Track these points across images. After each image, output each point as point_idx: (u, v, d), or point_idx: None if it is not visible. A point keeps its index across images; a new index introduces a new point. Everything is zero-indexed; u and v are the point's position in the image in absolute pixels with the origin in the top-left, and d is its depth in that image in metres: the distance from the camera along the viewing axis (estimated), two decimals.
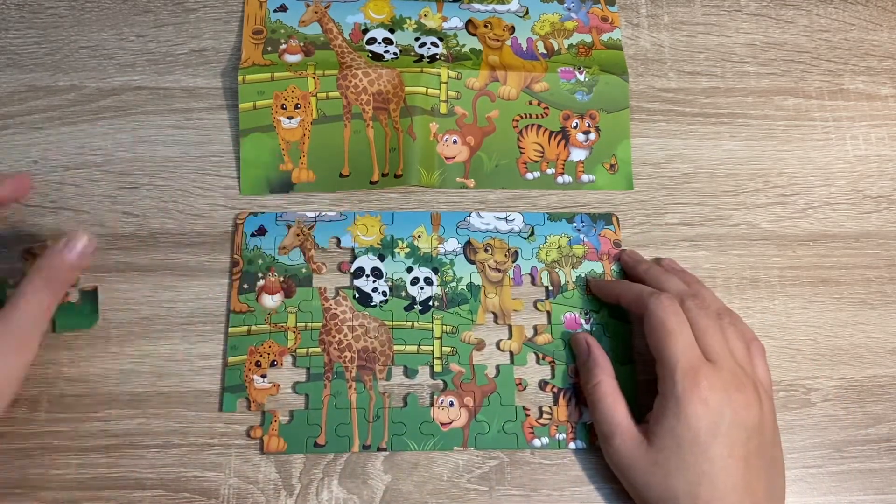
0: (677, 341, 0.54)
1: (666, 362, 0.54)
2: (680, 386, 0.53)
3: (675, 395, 0.53)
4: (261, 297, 0.62)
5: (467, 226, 0.64)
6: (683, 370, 0.53)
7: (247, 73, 0.67)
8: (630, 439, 0.54)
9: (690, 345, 0.54)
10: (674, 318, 0.55)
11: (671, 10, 0.73)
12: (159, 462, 0.58)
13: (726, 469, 0.51)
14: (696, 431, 0.52)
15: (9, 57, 0.68)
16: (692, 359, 0.53)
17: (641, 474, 0.53)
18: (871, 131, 0.70)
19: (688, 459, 0.52)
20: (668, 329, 0.54)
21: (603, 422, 0.56)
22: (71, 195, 0.64)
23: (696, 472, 0.51)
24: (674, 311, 0.55)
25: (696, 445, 0.51)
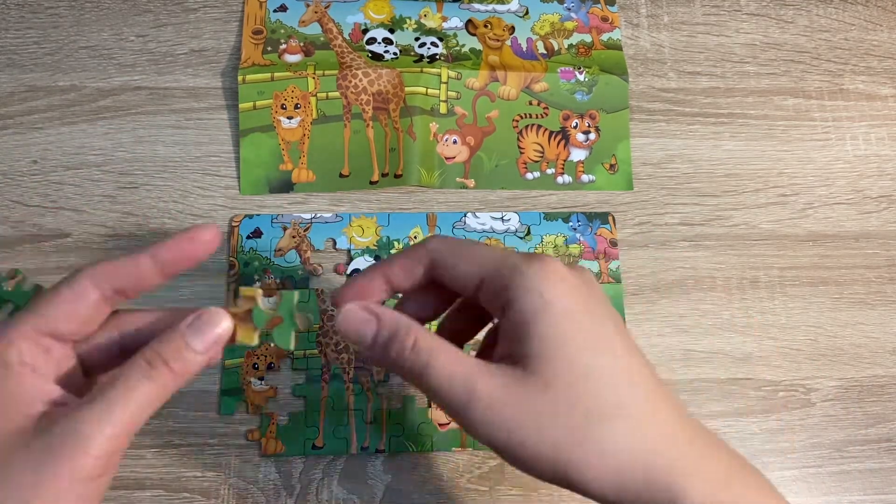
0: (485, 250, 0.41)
1: (500, 267, 0.40)
2: (529, 269, 0.39)
3: (528, 280, 0.39)
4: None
5: (463, 226, 0.64)
6: (523, 260, 0.40)
7: (247, 73, 0.67)
8: (492, 385, 0.38)
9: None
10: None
11: (671, 10, 0.73)
12: (159, 462, 0.58)
13: (631, 356, 0.40)
14: (574, 316, 0.39)
15: (9, 57, 0.68)
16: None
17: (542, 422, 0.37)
18: (871, 131, 0.70)
19: (587, 361, 0.38)
20: (465, 243, 0.42)
21: (446, 390, 0.38)
22: (71, 195, 0.64)
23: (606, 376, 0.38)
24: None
25: (585, 335, 0.39)
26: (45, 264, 0.62)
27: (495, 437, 0.38)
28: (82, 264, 0.41)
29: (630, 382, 0.39)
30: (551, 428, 0.37)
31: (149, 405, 0.38)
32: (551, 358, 0.38)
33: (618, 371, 0.39)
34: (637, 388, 0.39)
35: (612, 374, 0.38)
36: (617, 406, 0.38)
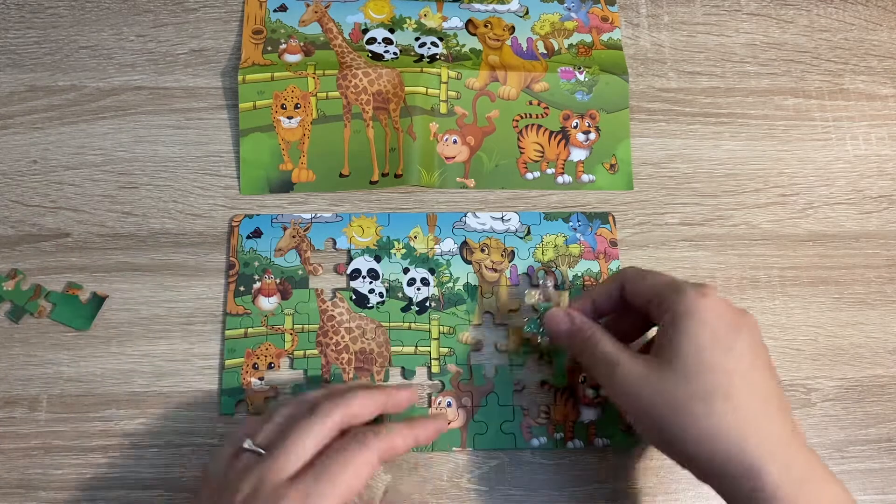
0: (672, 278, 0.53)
1: (664, 283, 0.52)
2: (691, 291, 0.49)
3: (687, 298, 0.49)
4: (257, 300, 0.62)
5: (463, 226, 0.64)
6: (690, 286, 0.50)
7: (247, 73, 0.67)
8: (634, 363, 0.50)
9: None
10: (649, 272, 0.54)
11: (671, 10, 0.73)
12: (159, 462, 0.58)
13: (755, 370, 0.48)
14: (714, 329, 0.48)
15: (9, 57, 0.68)
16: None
17: (654, 391, 0.48)
18: (871, 131, 0.70)
19: (709, 358, 0.47)
20: (650, 271, 0.54)
21: (601, 360, 0.51)
22: (71, 195, 0.64)
23: (721, 370, 0.47)
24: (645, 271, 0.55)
25: (717, 342, 0.48)
26: (45, 264, 0.62)
27: (624, 400, 0.50)
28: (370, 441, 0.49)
29: (745, 383, 0.47)
30: (662, 398, 0.47)
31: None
32: (680, 348, 0.48)
33: (737, 372, 0.47)
34: (752, 389, 0.47)
35: (730, 372, 0.47)
36: (725, 395, 0.46)
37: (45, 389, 0.59)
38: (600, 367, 0.52)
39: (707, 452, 0.46)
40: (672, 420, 0.47)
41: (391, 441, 0.50)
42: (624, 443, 0.60)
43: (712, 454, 0.46)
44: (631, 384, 0.49)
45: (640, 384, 0.49)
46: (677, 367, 0.48)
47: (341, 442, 0.49)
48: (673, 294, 0.50)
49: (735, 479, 0.46)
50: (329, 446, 0.48)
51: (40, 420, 0.59)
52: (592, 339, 0.53)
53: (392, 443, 0.50)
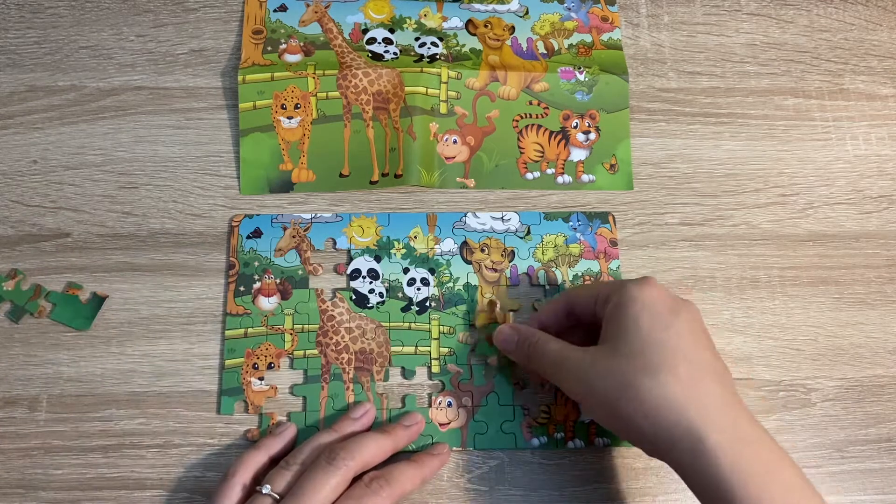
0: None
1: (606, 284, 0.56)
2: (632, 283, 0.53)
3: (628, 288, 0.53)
4: (257, 300, 0.62)
5: (463, 226, 0.64)
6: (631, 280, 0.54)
7: (247, 73, 0.67)
8: (582, 354, 0.52)
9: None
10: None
11: (671, 10, 0.73)
12: (159, 462, 0.58)
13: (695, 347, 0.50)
14: (654, 311, 0.51)
15: (9, 57, 0.68)
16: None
17: (603, 374, 0.50)
18: (871, 131, 0.70)
19: (651, 336, 0.50)
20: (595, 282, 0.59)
21: (550, 358, 0.54)
22: (71, 195, 0.64)
23: (664, 346, 0.50)
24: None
25: (657, 322, 0.50)
26: (45, 264, 0.62)
27: (575, 387, 0.53)
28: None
29: (687, 358, 0.49)
30: (612, 378, 0.50)
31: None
32: (625, 331, 0.51)
33: (678, 348, 0.50)
34: (692, 363, 0.49)
35: (673, 348, 0.49)
36: (669, 368, 0.48)
37: (45, 389, 0.59)
38: (550, 365, 0.55)
39: (654, 423, 0.48)
40: (622, 397, 0.49)
41: (402, 487, 0.53)
42: (624, 443, 0.60)
43: (659, 425, 0.48)
44: (581, 373, 0.52)
45: (590, 370, 0.51)
46: (622, 349, 0.50)
47: (356, 491, 0.52)
48: (615, 288, 0.54)
49: (679, 445, 0.47)
50: (344, 494, 0.52)
51: (40, 420, 0.58)
52: (539, 341, 0.56)
53: (402, 489, 0.53)
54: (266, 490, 0.51)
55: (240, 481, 0.53)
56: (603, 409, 0.51)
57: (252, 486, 0.53)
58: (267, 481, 0.52)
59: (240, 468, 0.53)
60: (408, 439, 0.57)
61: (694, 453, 0.47)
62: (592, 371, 0.51)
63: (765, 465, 0.46)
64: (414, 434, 0.58)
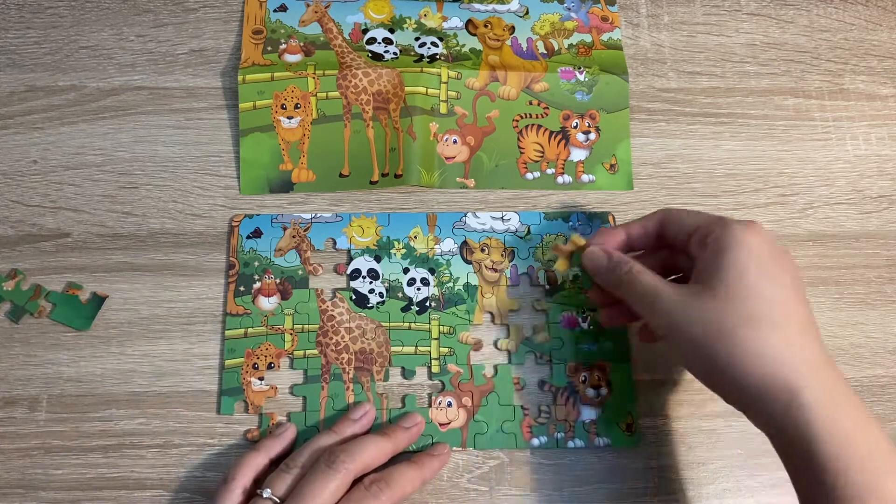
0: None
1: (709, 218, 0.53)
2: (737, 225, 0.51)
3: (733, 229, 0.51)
4: (257, 300, 0.62)
5: (463, 226, 0.64)
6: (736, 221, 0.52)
7: (247, 73, 0.67)
8: (677, 292, 0.51)
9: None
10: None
11: (671, 10, 0.73)
12: (159, 462, 0.58)
13: (797, 301, 0.50)
14: (760, 259, 0.50)
15: (9, 57, 0.68)
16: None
17: (699, 317, 0.49)
18: (871, 131, 0.70)
19: (755, 286, 0.49)
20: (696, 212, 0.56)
21: (644, 292, 0.53)
22: (71, 195, 0.64)
23: (767, 298, 0.49)
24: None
25: (763, 272, 0.49)
26: (45, 264, 0.62)
27: (665, 324, 0.51)
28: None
29: (788, 314, 0.49)
30: (709, 322, 0.49)
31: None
32: (727, 276, 0.49)
33: (782, 301, 0.49)
34: (793, 319, 0.49)
35: (776, 301, 0.49)
36: (771, 322, 0.48)
37: (45, 389, 0.59)
38: (643, 298, 0.53)
39: (750, 374, 0.47)
40: (716, 344, 0.48)
41: (402, 489, 0.53)
42: (624, 443, 0.60)
43: (752, 376, 0.47)
44: (675, 312, 0.50)
45: (685, 311, 0.50)
46: (722, 294, 0.49)
47: (356, 494, 0.52)
48: (718, 226, 0.52)
49: (773, 398, 0.47)
50: (344, 497, 0.52)
51: (40, 420, 0.59)
52: (633, 271, 0.54)
53: (403, 491, 0.53)
54: (266, 494, 0.51)
55: (240, 484, 0.53)
56: (693, 350, 0.50)
57: (252, 489, 0.53)
58: (267, 485, 0.52)
59: (239, 471, 0.53)
60: (408, 441, 0.57)
61: (787, 408, 0.46)
62: (688, 311, 0.50)
63: (856, 425, 0.46)
64: (414, 435, 0.58)
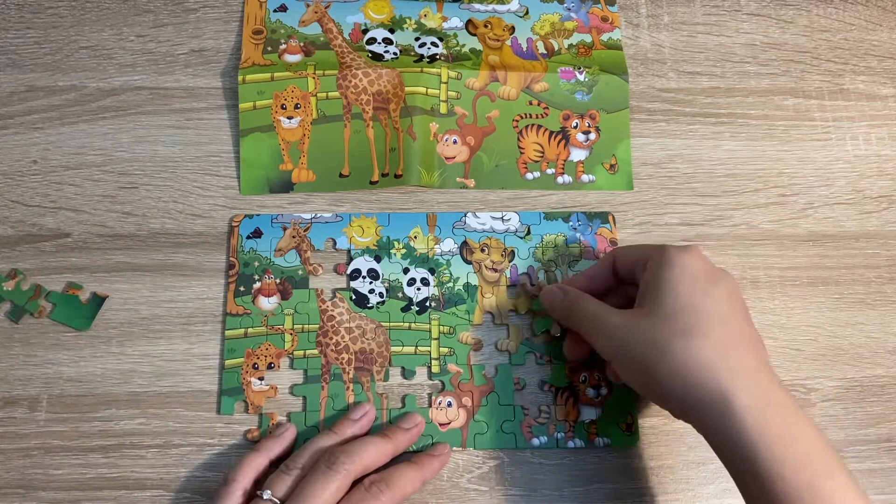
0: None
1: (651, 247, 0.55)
2: (673, 248, 0.53)
3: (669, 252, 0.53)
4: (257, 300, 0.62)
5: (463, 226, 0.64)
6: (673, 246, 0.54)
7: (247, 73, 0.67)
8: (619, 315, 0.53)
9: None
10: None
11: (671, 10, 0.73)
12: (159, 462, 0.58)
13: (732, 314, 0.51)
14: (693, 276, 0.51)
15: (9, 57, 0.68)
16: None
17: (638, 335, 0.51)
18: (871, 131, 0.70)
19: (688, 301, 0.51)
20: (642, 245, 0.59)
21: (589, 317, 0.55)
22: (71, 195, 0.64)
23: (699, 311, 0.50)
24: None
25: (695, 287, 0.51)
26: (45, 264, 0.62)
27: (609, 347, 0.53)
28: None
29: (722, 323, 0.50)
30: (646, 339, 0.50)
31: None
32: (662, 295, 0.51)
33: (715, 314, 0.50)
34: (727, 329, 0.50)
35: (709, 314, 0.50)
36: (703, 332, 0.49)
37: (45, 389, 0.59)
38: (588, 324, 0.55)
39: (685, 385, 0.49)
40: (654, 358, 0.50)
41: (402, 490, 0.54)
42: (624, 443, 0.60)
43: (689, 386, 0.48)
44: (617, 332, 0.53)
45: (625, 331, 0.52)
46: (658, 311, 0.51)
47: (356, 495, 0.52)
48: (657, 252, 0.54)
49: (708, 406, 0.48)
50: (344, 498, 0.52)
51: (40, 420, 0.59)
52: (580, 301, 0.57)
53: (403, 492, 0.54)
54: (266, 495, 0.51)
55: (240, 486, 0.53)
56: (635, 369, 0.52)
57: (252, 490, 0.53)
58: (267, 486, 0.52)
59: (240, 472, 0.53)
60: (408, 442, 0.58)
61: (722, 416, 0.47)
62: (628, 332, 0.52)
63: (789, 427, 0.47)
64: (414, 436, 0.58)
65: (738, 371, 0.48)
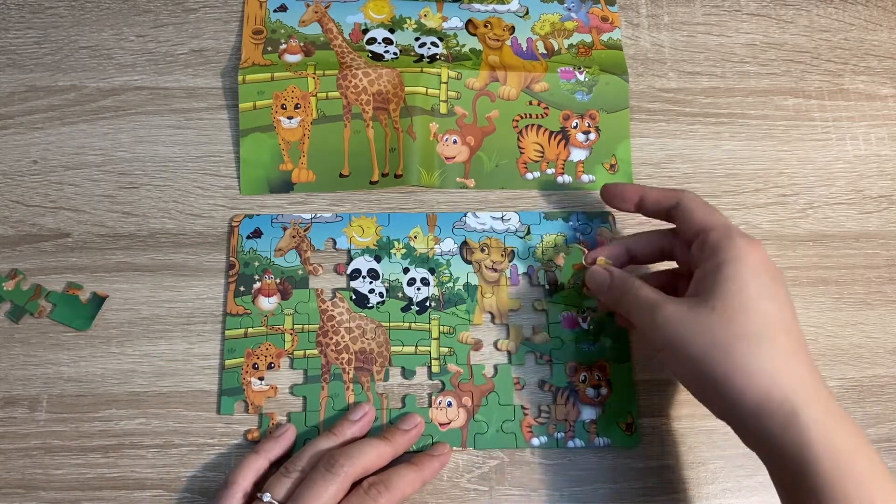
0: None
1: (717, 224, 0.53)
2: (738, 237, 0.52)
3: (736, 244, 0.51)
4: (257, 300, 0.62)
5: (463, 226, 0.64)
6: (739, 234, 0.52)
7: (247, 73, 0.67)
8: (676, 304, 0.51)
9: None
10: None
11: (671, 10, 0.73)
12: (159, 462, 0.58)
13: (793, 320, 0.50)
14: (760, 277, 0.50)
15: (9, 57, 0.68)
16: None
17: (697, 330, 0.49)
18: (871, 131, 0.70)
19: (755, 303, 0.49)
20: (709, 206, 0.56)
21: (643, 303, 0.53)
22: (71, 195, 0.64)
23: (767, 315, 0.49)
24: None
25: (763, 290, 0.50)
26: (45, 264, 0.62)
27: (662, 338, 0.51)
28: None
29: (785, 330, 0.49)
30: (707, 336, 0.49)
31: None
32: (727, 292, 0.49)
33: (779, 319, 0.49)
34: (790, 336, 0.49)
35: (773, 318, 0.49)
36: (770, 339, 0.48)
37: (45, 389, 0.59)
38: (642, 310, 0.53)
39: (745, 391, 0.47)
40: (713, 358, 0.48)
41: (401, 492, 0.54)
42: (624, 443, 0.60)
43: (749, 393, 0.47)
44: (673, 324, 0.50)
45: (683, 323, 0.50)
46: (721, 308, 0.49)
47: (355, 498, 0.52)
48: (722, 238, 0.52)
49: (770, 416, 0.47)
50: (343, 500, 0.52)
51: (40, 420, 0.59)
52: (633, 285, 0.55)
53: (402, 493, 0.54)
54: (266, 498, 0.51)
55: (240, 488, 0.53)
56: (689, 364, 0.50)
57: (252, 492, 0.53)
58: (267, 488, 0.52)
59: (240, 474, 0.54)
60: (407, 443, 0.58)
61: (785, 426, 0.46)
62: (686, 325, 0.50)
63: (853, 447, 0.46)
64: (414, 437, 0.58)
65: (803, 379, 0.47)
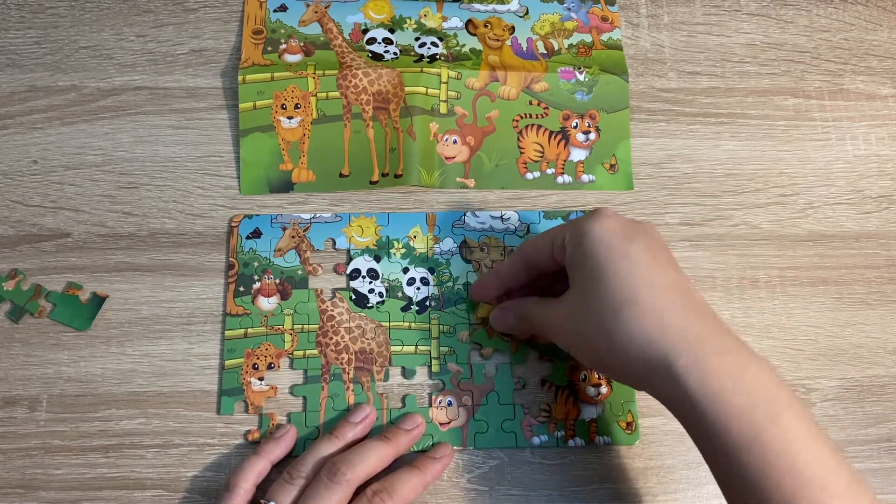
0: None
1: (563, 227, 0.53)
2: (581, 219, 0.52)
3: (578, 225, 0.51)
4: (257, 300, 0.62)
5: (463, 226, 0.64)
6: (581, 216, 0.53)
7: (247, 73, 0.67)
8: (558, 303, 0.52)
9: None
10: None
11: (671, 10, 0.73)
12: (159, 462, 0.58)
13: (654, 267, 0.49)
14: (608, 242, 0.49)
15: (9, 57, 0.68)
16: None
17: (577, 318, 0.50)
18: (871, 131, 0.70)
19: (608, 269, 0.48)
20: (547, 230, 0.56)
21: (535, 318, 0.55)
22: (71, 195, 0.64)
23: (622, 277, 0.48)
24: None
25: (612, 252, 0.49)
26: (45, 264, 0.62)
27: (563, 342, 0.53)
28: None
29: (646, 283, 0.48)
30: (585, 323, 0.49)
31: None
32: (586, 270, 0.50)
33: (637, 274, 0.48)
34: (654, 289, 0.48)
35: (630, 276, 0.48)
36: (630, 301, 0.47)
37: (45, 389, 0.59)
38: (540, 328, 0.56)
39: (628, 360, 0.47)
40: (595, 339, 0.49)
41: (404, 498, 0.54)
42: (625, 441, 0.60)
43: (632, 360, 0.47)
44: (560, 321, 0.52)
45: (567, 317, 0.52)
46: (587, 289, 0.50)
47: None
48: (570, 228, 0.52)
49: (656, 376, 0.47)
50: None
51: (40, 420, 0.58)
52: (526, 311, 0.56)
53: (405, 499, 0.54)
54: None
55: (243, 491, 0.53)
56: (587, 356, 0.52)
57: (254, 494, 0.54)
58: (270, 496, 0.52)
59: (241, 476, 0.54)
60: (409, 444, 0.58)
61: (665, 382, 0.46)
62: (569, 318, 0.51)
63: (729, 375, 0.45)
64: (415, 437, 0.58)
65: (671, 328, 0.46)
